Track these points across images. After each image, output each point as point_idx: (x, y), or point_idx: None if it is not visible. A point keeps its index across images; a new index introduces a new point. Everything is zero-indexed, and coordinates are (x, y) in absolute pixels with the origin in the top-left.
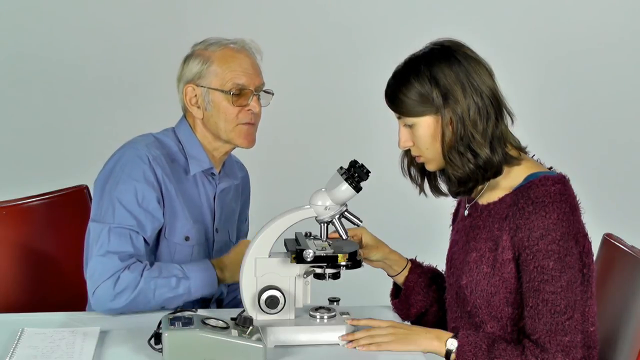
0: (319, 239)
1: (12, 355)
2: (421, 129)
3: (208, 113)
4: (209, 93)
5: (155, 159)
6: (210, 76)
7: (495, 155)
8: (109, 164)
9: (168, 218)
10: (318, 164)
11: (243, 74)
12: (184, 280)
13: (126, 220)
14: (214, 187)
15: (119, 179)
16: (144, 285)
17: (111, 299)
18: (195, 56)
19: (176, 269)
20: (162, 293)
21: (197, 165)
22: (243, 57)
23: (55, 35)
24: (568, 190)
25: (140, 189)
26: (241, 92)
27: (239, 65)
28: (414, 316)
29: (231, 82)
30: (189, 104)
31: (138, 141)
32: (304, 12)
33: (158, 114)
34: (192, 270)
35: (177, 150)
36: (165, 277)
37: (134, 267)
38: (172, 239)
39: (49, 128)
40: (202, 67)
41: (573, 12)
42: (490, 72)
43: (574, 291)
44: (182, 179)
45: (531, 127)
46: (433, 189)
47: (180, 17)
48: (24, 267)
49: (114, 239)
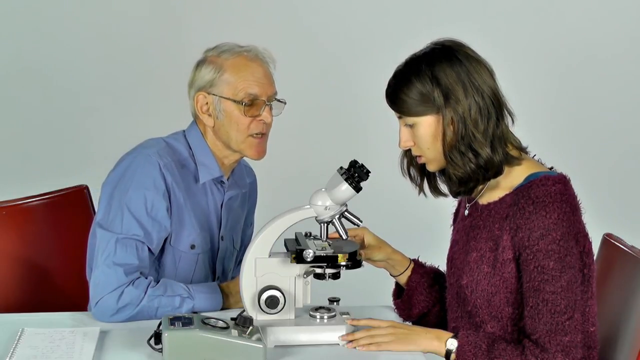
0: (319, 239)
1: (12, 355)
2: (422, 128)
3: (219, 122)
4: (221, 102)
5: (166, 165)
6: (222, 85)
7: (496, 155)
8: (119, 168)
9: (175, 226)
10: (318, 164)
11: (256, 84)
12: (188, 300)
13: (133, 230)
14: (222, 194)
15: (129, 185)
16: (147, 303)
17: (113, 313)
18: (208, 63)
19: (181, 289)
20: (164, 312)
21: (207, 174)
22: (256, 66)
23: (55, 35)
24: (569, 190)
25: (149, 198)
26: (253, 102)
27: (251, 75)
28: (416, 316)
29: (243, 92)
30: (200, 112)
31: (149, 146)
32: (304, 12)
33: (158, 114)
34: (199, 291)
35: (188, 156)
36: (170, 295)
37: (138, 283)
38: (177, 247)
39: (49, 128)
40: (215, 75)
41: (573, 12)
42: (491, 72)
43: (574, 291)
44: (191, 186)
45: (532, 127)
46: (432, 189)
47: (180, 17)
48: (24, 267)
49: (120, 250)
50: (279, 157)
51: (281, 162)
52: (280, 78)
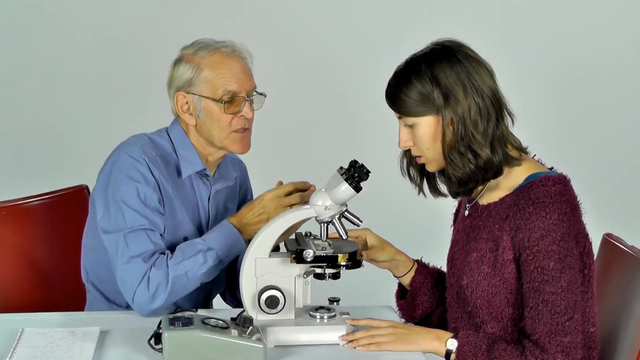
0: (319, 239)
1: (12, 355)
2: (422, 128)
3: (201, 120)
4: (201, 101)
5: (152, 160)
6: (201, 84)
7: (495, 155)
8: (106, 168)
9: (167, 218)
10: (318, 164)
11: (234, 80)
12: (209, 252)
13: (138, 221)
14: (208, 188)
15: (119, 182)
16: (174, 274)
17: (150, 301)
18: (185, 61)
19: (198, 244)
20: (194, 273)
21: (189, 167)
22: (233, 62)
23: (55, 35)
24: (569, 190)
25: (141, 190)
26: (233, 99)
27: (229, 71)
28: (419, 318)
29: (222, 89)
30: (181, 111)
31: (132, 142)
32: (304, 12)
33: (158, 115)
34: (212, 238)
35: (171, 151)
36: (190, 256)
37: (159, 264)
38: (171, 240)
39: (49, 128)
40: (193, 74)
41: (573, 13)
42: (491, 73)
43: (575, 292)
44: (176, 180)
45: (532, 127)
46: (432, 190)
47: (180, 17)
48: (23, 267)
49: (131, 242)
50: (279, 157)
51: (281, 162)
52: (280, 78)
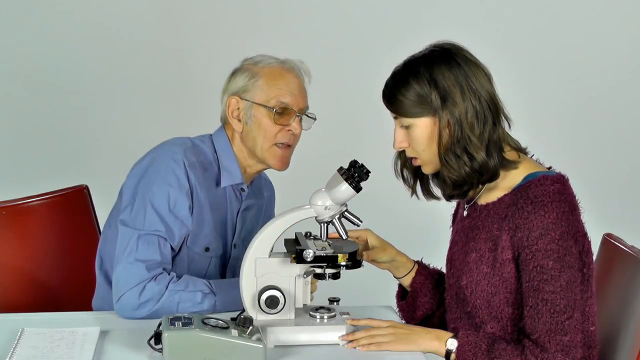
0: (319, 239)
1: (12, 355)
2: (418, 130)
3: (248, 127)
4: (252, 107)
5: (191, 165)
6: (255, 90)
7: (491, 159)
8: (143, 162)
9: (195, 226)
10: (318, 164)
11: (289, 94)
12: (210, 296)
13: (156, 226)
14: (239, 202)
15: (152, 180)
16: (168, 298)
17: (135, 308)
18: (244, 70)
19: (203, 285)
20: (185, 307)
21: (229, 179)
22: (291, 77)
23: (55, 35)
24: (567, 189)
25: (173, 195)
26: (284, 111)
27: (286, 84)
28: (420, 319)
29: (276, 100)
30: (230, 116)
31: (176, 143)
32: (303, 12)
33: (158, 115)
34: (221, 286)
35: (212, 159)
36: (191, 291)
37: (160, 279)
38: (193, 248)
39: (49, 128)
40: (249, 81)
41: (573, 14)
42: (488, 76)
43: (574, 291)
44: (212, 189)
45: (531, 126)
46: (425, 192)
47: (180, 17)
48: (23, 267)
49: (142, 246)
50: None
51: None
52: None
